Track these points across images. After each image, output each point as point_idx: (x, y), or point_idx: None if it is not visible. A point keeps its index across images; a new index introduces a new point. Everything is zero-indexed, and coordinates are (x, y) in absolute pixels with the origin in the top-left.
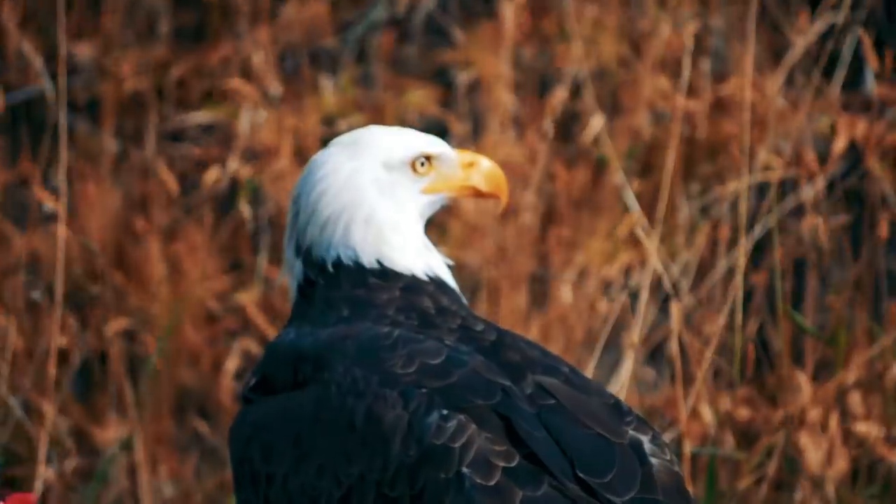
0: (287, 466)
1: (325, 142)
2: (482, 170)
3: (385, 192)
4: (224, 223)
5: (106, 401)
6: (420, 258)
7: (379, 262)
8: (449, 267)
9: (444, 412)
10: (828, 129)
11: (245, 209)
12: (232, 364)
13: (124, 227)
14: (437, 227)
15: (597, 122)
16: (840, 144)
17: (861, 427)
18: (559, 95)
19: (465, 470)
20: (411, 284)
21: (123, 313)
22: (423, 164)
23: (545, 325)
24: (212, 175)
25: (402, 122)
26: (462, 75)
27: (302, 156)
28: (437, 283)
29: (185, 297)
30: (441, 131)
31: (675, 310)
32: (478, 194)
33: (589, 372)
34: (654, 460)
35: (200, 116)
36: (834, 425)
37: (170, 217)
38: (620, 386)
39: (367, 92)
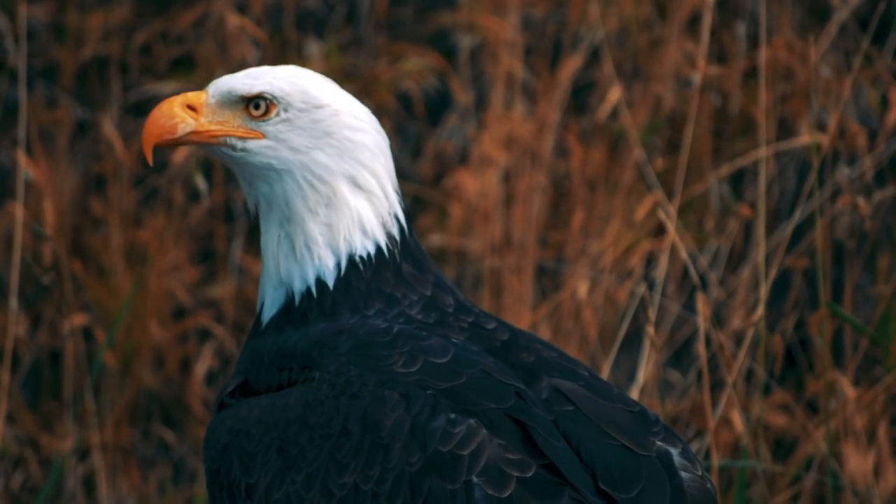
0: (270, 476)
1: None
2: None
3: None
4: (195, 206)
5: (60, 407)
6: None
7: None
8: (448, 256)
9: (452, 416)
10: (877, 101)
11: (201, 182)
12: (202, 366)
13: (81, 210)
14: (435, 210)
15: (615, 93)
16: (892, 118)
17: None
18: (573, 62)
19: (474, 479)
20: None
21: (80, 308)
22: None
23: (556, 320)
24: (181, 152)
25: (400, 93)
26: (464, 40)
27: None
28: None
29: (150, 289)
30: (441, 102)
31: (702, 304)
32: None
33: (604, 374)
34: (684, 475)
35: (168, 86)
36: (882, 434)
37: (133, 199)
38: (640, 390)
39: (357, 59)
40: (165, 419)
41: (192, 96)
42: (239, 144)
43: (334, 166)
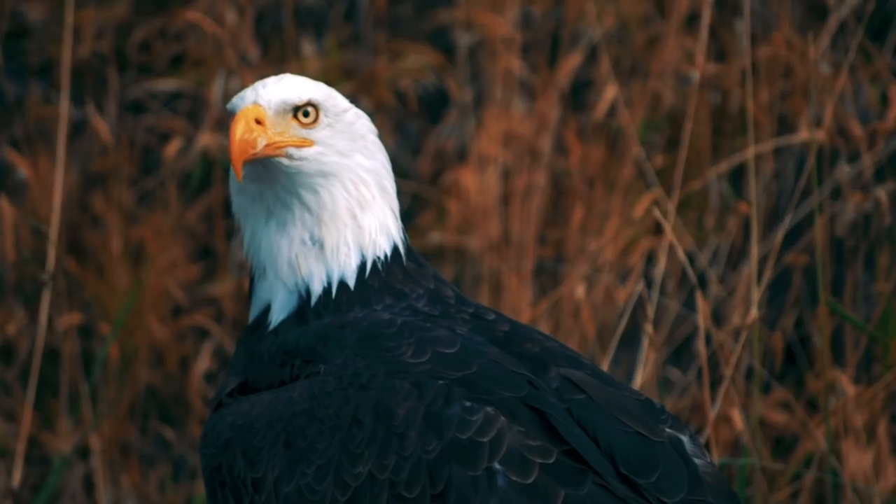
0: (279, 470)
1: None
2: None
3: None
4: (194, 204)
5: (59, 404)
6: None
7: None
8: (447, 254)
9: (467, 403)
10: (877, 99)
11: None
12: (202, 363)
13: (80, 208)
14: (434, 208)
15: (611, 91)
16: (891, 116)
17: None
18: (572, 60)
19: (496, 466)
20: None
21: (78, 305)
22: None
23: (555, 318)
24: (173, 147)
25: (396, 90)
26: (463, 37)
27: None
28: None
29: (149, 287)
30: (440, 100)
31: (702, 302)
32: None
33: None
34: (697, 461)
35: (167, 84)
36: (882, 432)
37: (131, 197)
38: (639, 387)
39: (356, 56)
40: (165, 417)
41: (255, 111)
42: (295, 154)
43: (371, 168)
